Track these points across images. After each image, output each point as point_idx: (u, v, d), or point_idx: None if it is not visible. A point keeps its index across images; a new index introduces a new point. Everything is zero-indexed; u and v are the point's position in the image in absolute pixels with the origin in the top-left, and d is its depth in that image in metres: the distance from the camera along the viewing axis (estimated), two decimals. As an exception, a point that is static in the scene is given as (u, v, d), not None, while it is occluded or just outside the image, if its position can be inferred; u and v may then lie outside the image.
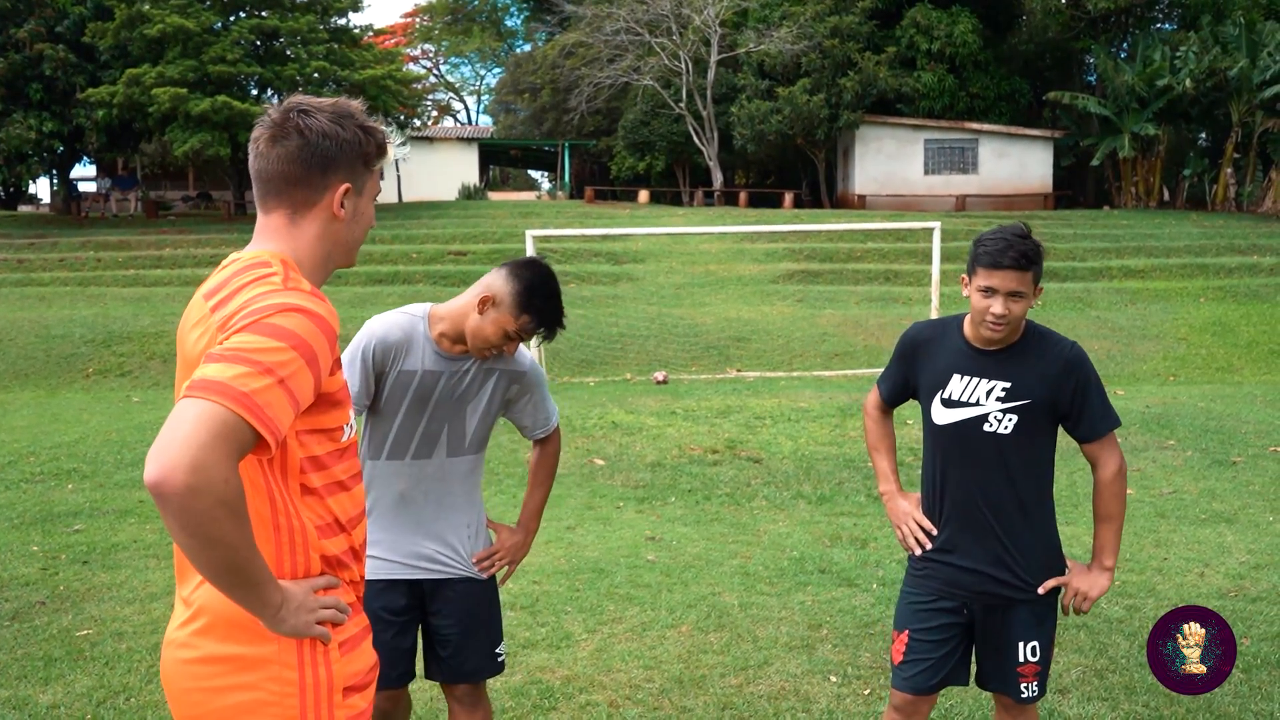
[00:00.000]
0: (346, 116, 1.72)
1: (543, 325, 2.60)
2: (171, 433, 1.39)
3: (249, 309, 1.55)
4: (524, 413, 2.87)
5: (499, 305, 2.59)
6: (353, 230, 1.79)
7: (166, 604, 5.09)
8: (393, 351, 2.62)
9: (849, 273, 20.86)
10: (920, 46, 29.29)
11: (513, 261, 2.68)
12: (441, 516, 2.74)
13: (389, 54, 29.71)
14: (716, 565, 5.73)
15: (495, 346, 2.61)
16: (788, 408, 11.37)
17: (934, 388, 2.68)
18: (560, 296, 2.66)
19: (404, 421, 2.66)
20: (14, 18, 24.81)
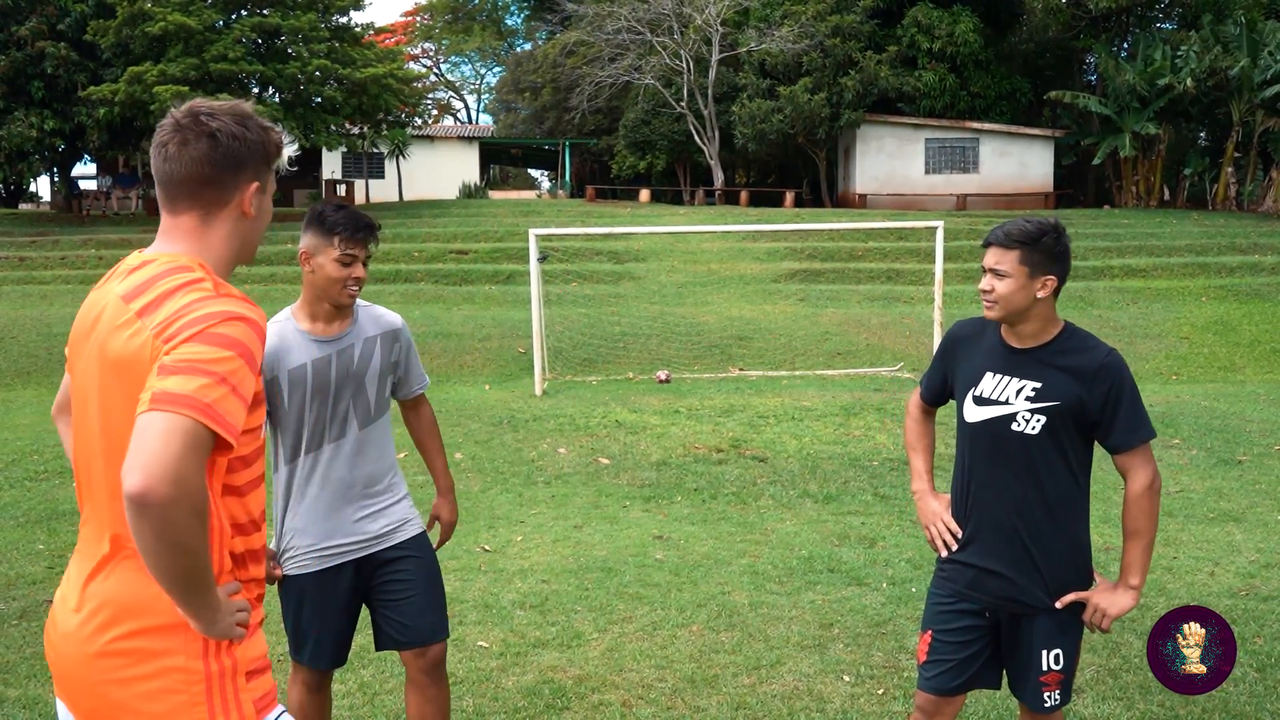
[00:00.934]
0: (246, 116, 1.78)
1: (353, 230, 2.74)
2: (149, 445, 1.48)
3: (190, 317, 1.61)
4: (405, 370, 3.01)
5: (314, 249, 2.76)
6: (257, 227, 1.86)
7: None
8: (273, 357, 2.75)
9: (850, 272, 20.85)
10: (921, 46, 29.28)
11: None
12: (372, 486, 2.89)
13: (390, 52, 29.64)
14: (725, 564, 5.72)
15: (345, 278, 2.74)
16: (791, 407, 11.37)
17: (967, 385, 2.68)
18: (344, 206, 2.83)
19: (315, 412, 2.79)
20: (16, 15, 24.76)
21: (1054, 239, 2.54)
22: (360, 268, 2.78)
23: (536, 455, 9.00)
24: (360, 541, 2.88)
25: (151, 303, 1.66)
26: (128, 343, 1.65)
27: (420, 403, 3.15)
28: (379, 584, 2.93)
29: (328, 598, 2.89)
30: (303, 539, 2.86)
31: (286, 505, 2.88)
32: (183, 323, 1.60)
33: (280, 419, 2.81)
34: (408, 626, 2.92)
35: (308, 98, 26.07)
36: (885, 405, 11.39)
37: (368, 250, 2.81)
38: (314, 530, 2.85)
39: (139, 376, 1.61)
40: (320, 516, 2.85)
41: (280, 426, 2.82)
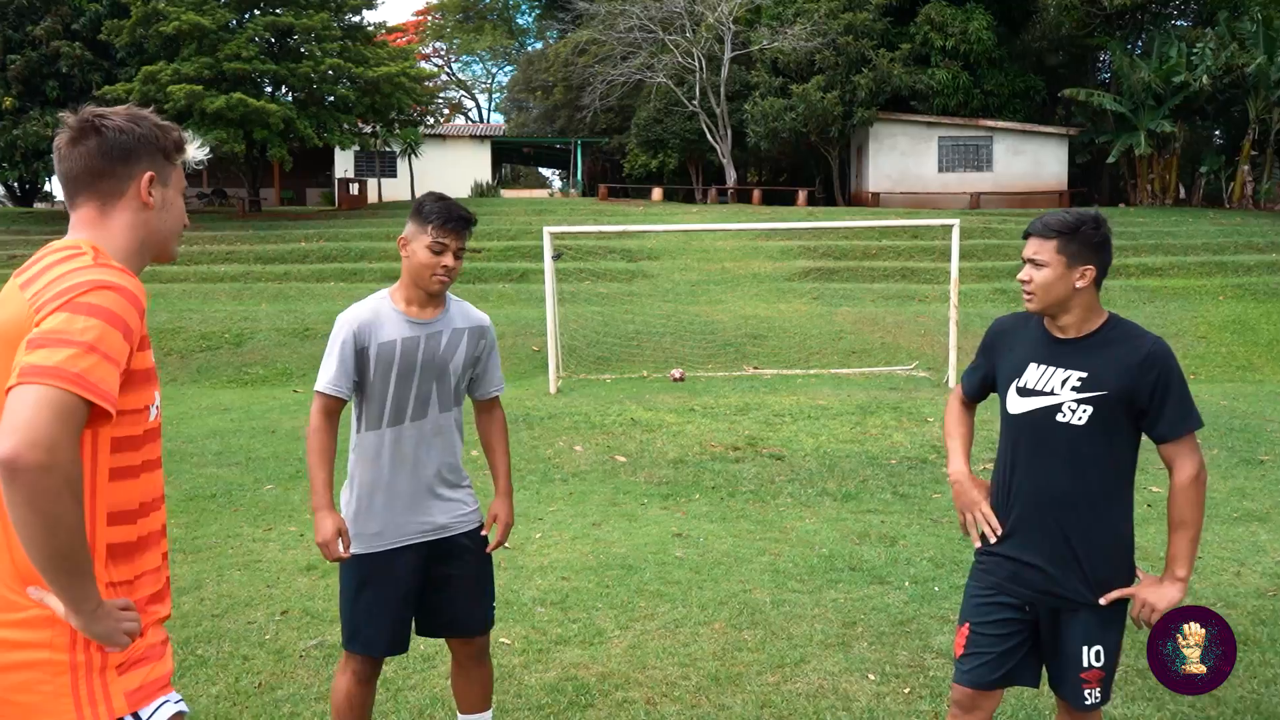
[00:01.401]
0: (141, 116, 1.84)
1: (445, 220, 2.84)
2: (17, 415, 1.48)
3: (59, 286, 1.62)
4: (485, 369, 3.11)
5: (411, 236, 2.89)
6: (165, 220, 1.88)
7: (195, 598, 5.08)
8: (368, 329, 2.88)
9: (864, 270, 20.79)
10: (934, 43, 29.19)
11: None
12: (444, 473, 2.99)
13: (403, 51, 29.70)
14: (746, 562, 5.69)
15: (435, 265, 2.85)
16: (807, 405, 11.33)
17: (1011, 376, 2.65)
18: (447, 197, 2.93)
19: (397, 388, 2.88)
20: (31, 15, 24.89)
21: (1093, 229, 2.53)
22: (450, 257, 2.86)
23: (553, 453, 8.99)
24: (427, 529, 2.97)
25: (32, 277, 1.69)
26: (8, 315, 1.67)
27: (494, 405, 3.22)
28: (436, 574, 3.00)
29: (389, 582, 2.94)
30: (371, 521, 2.92)
31: (359, 474, 2.94)
32: (52, 293, 1.61)
33: (365, 389, 2.91)
34: (458, 619, 3.06)
35: (321, 96, 26.14)
36: (901, 404, 11.34)
37: (460, 242, 2.88)
38: (385, 510, 2.92)
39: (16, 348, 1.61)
40: (393, 495, 2.92)
41: (365, 397, 2.91)
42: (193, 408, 12.07)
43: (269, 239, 23.81)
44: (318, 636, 4.52)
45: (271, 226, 25.45)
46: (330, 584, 5.28)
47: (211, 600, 5.05)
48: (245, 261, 21.85)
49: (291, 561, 5.70)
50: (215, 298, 19.02)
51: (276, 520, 6.72)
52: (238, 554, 5.91)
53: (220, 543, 6.17)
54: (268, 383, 14.75)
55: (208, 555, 5.88)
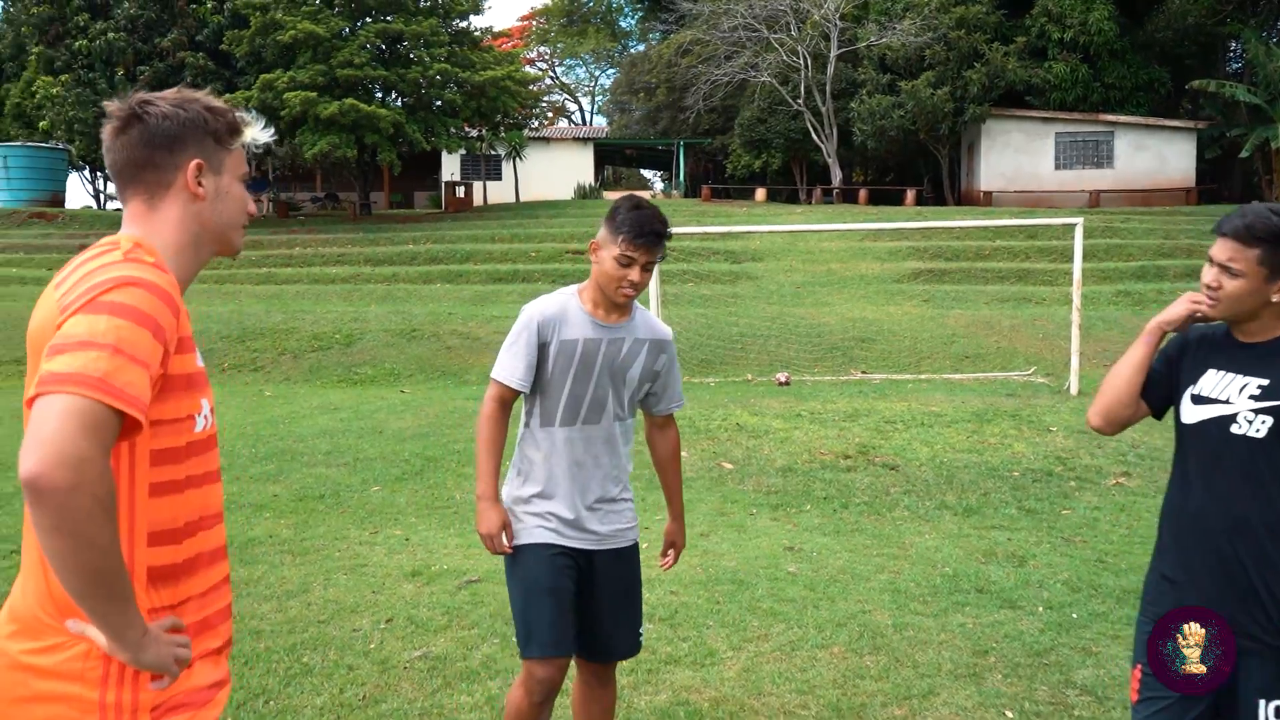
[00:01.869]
0: (190, 100, 1.70)
1: (637, 234, 2.69)
2: (41, 429, 1.35)
3: (85, 285, 1.49)
4: (665, 384, 3.00)
5: (602, 243, 2.78)
6: (220, 210, 1.72)
7: (302, 602, 5.05)
8: (552, 323, 2.81)
9: (978, 272, 20.06)
10: (1052, 36, 28.05)
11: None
12: (611, 482, 2.90)
13: (508, 55, 30.03)
14: (863, 580, 5.40)
15: (621, 279, 2.74)
16: (919, 411, 10.89)
17: (1187, 383, 2.38)
18: (645, 206, 2.76)
19: (573, 388, 2.81)
20: (159, 28, 25.97)
21: None
22: (637, 272, 2.75)
23: (657, 458, 8.80)
24: (587, 538, 2.88)
25: (64, 278, 1.57)
26: (39, 319, 1.56)
27: (669, 422, 3.12)
28: (587, 587, 2.91)
29: (555, 578, 2.85)
30: (533, 513, 2.87)
31: (525, 468, 2.90)
32: (76, 294, 1.48)
33: (543, 385, 2.84)
34: (601, 640, 2.95)
35: (429, 101, 26.59)
36: (1020, 412, 10.80)
37: (650, 256, 2.75)
38: (547, 509, 2.87)
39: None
40: (557, 496, 2.86)
41: (541, 392, 2.85)
42: (304, 407, 12.29)
43: (378, 241, 24.31)
44: (422, 647, 4.41)
45: (381, 229, 25.98)
46: (434, 592, 5.19)
47: (318, 605, 5.01)
48: (355, 263, 22.34)
49: (397, 567, 5.65)
50: (327, 299, 19.46)
51: (382, 523, 6.71)
52: (344, 557, 5.89)
53: (327, 545, 6.16)
54: (376, 383, 14.97)
55: (315, 558, 5.87)
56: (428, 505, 7.22)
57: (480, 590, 5.23)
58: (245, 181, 1.78)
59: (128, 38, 25.24)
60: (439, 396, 13.19)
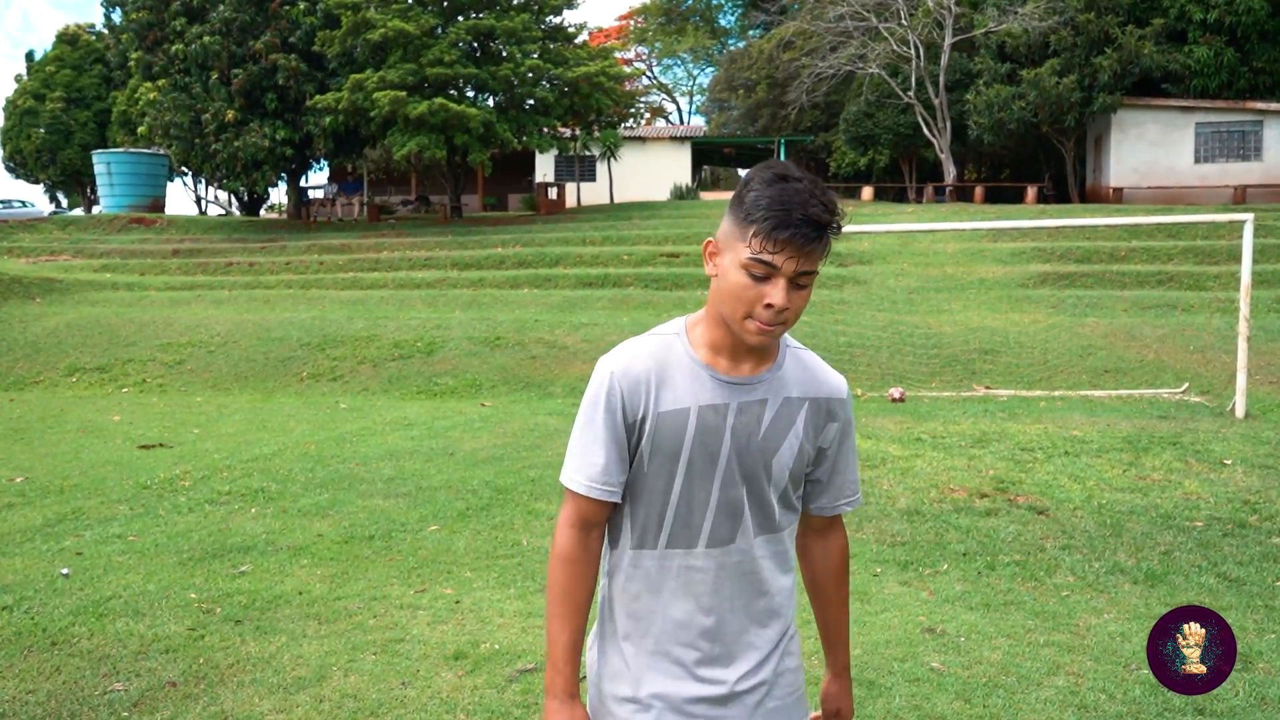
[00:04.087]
0: None
1: (780, 222, 1.57)
2: None
3: None
4: (833, 468, 1.84)
5: (724, 242, 1.67)
6: None
7: (313, 696, 4.03)
8: (643, 387, 1.71)
9: (1113, 275, 18.21)
10: (1193, 17, 25.70)
11: None
12: (751, 633, 1.76)
13: (602, 50, 29.12)
14: (1032, 686, 4.10)
15: (756, 300, 1.62)
16: (1059, 437, 9.45)
17: None
18: (795, 177, 1.61)
19: (686, 487, 1.71)
20: (253, 30, 25.86)
21: None
22: (781, 288, 1.62)
23: (758, 494, 7.59)
24: (713, 701, 1.74)
25: None
26: None
27: (836, 525, 1.93)
28: None
29: None
30: (626, 683, 1.76)
31: (617, 616, 1.80)
32: None
33: (636, 486, 1.75)
34: None
35: (520, 100, 25.85)
36: (1181, 438, 9.27)
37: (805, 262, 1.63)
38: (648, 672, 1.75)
39: None
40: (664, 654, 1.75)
41: (633, 498, 1.76)
42: (377, 422, 11.47)
43: (467, 245, 23.63)
44: (447, 784, 3.32)
45: (470, 232, 25.34)
46: (477, 686, 4.11)
47: (331, 702, 3.97)
48: (442, 268, 21.67)
49: (438, 644, 4.58)
50: (411, 305, 18.79)
51: (432, 578, 5.66)
52: (379, 626, 4.85)
53: (363, 607, 5.14)
54: (456, 394, 14.11)
55: (344, 627, 4.85)
56: (488, 553, 6.16)
57: (535, 683, 4.13)
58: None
59: (222, 41, 25.17)
60: (520, 411, 12.22)
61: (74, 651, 4.55)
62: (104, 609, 5.13)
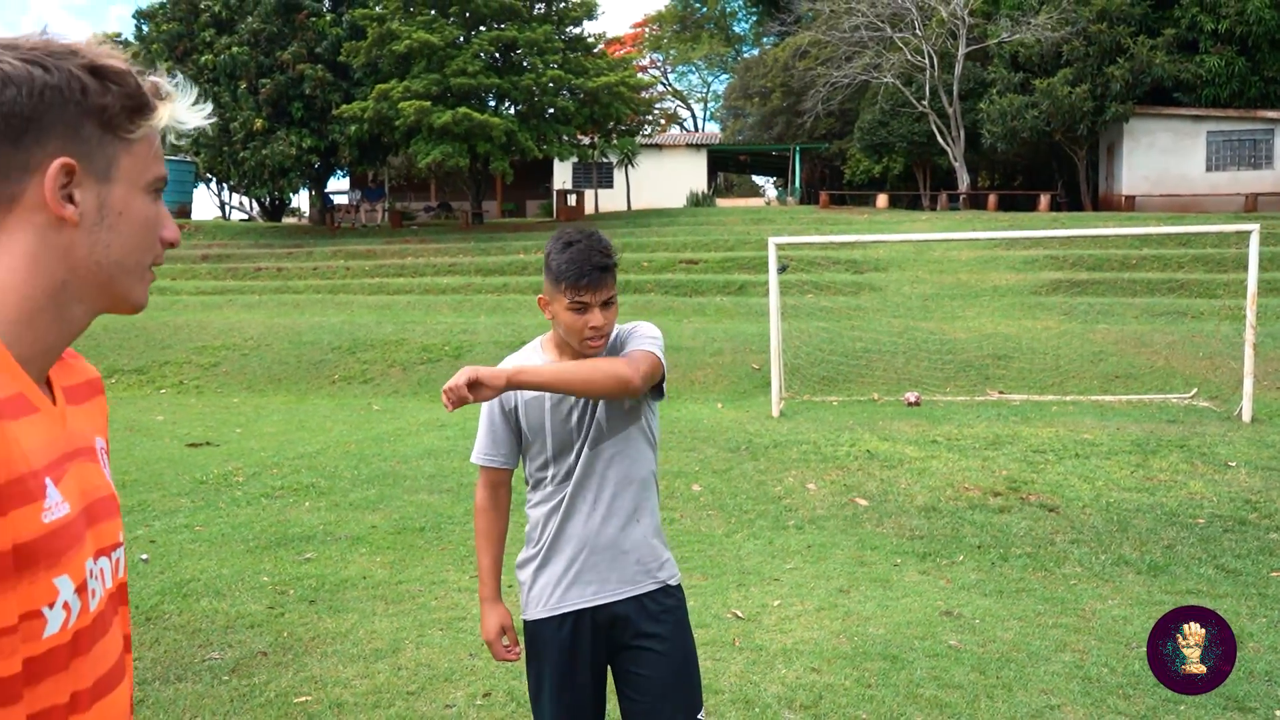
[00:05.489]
0: (59, 54, 0.97)
1: (578, 275, 2.29)
2: None
3: None
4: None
5: (549, 297, 2.39)
6: (103, 240, 1.00)
7: (391, 665, 4.47)
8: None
9: (1124, 283, 18.54)
10: (1204, 27, 26.02)
11: None
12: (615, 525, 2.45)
13: (621, 61, 29.60)
14: (1042, 661, 4.52)
15: (583, 328, 2.34)
16: (1070, 439, 9.83)
17: None
18: (577, 240, 2.34)
19: (555, 440, 2.43)
20: (280, 41, 26.43)
21: None
22: (597, 314, 2.34)
23: (783, 491, 8.02)
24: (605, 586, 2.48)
25: None
26: None
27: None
28: (618, 648, 2.48)
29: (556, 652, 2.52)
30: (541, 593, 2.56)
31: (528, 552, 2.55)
32: None
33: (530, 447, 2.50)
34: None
35: (541, 109, 26.33)
36: (1188, 441, 9.63)
37: (603, 294, 2.33)
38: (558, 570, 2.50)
39: None
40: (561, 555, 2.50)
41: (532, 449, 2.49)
42: (410, 423, 11.92)
43: (489, 250, 24.11)
44: (523, 736, 3.76)
45: (492, 238, 25.82)
46: (539, 658, 4.55)
47: (409, 670, 4.42)
48: (466, 273, 22.14)
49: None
50: (437, 309, 19.26)
51: (484, 564, 6.11)
52: (441, 607, 5.30)
53: (424, 590, 5.59)
54: (484, 397, 14.56)
55: (409, 606, 5.30)
56: (533, 543, 6.61)
57: (590, 657, 4.56)
58: (155, 191, 1.05)
59: (250, 52, 25.75)
60: (548, 413, 12.65)
61: (168, 626, 5.01)
62: (187, 590, 5.59)
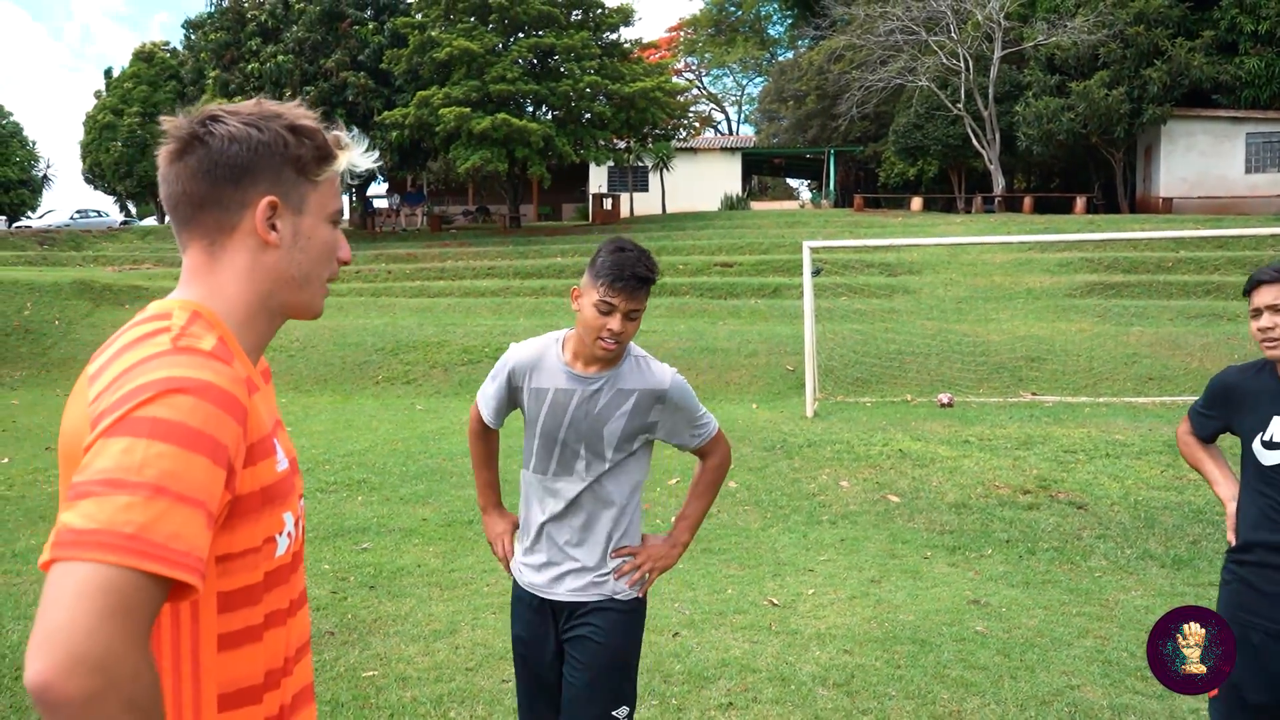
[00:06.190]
0: (269, 117, 1.31)
1: (616, 277, 2.47)
2: (50, 617, 0.96)
3: (119, 388, 1.10)
4: (671, 433, 2.72)
5: (583, 289, 2.56)
6: (297, 259, 1.34)
7: (450, 644, 4.79)
8: (525, 369, 2.67)
9: (1160, 285, 18.55)
10: (1244, 28, 25.86)
11: None
12: (584, 539, 2.64)
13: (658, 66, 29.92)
14: (1065, 646, 4.75)
15: (600, 327, 2.50)
16: (1101, 440, 9.97)
17: (1254, 430, 2.67)
18: (629, 248, 2.53)
19: (542, 439, 2.63)
20: (324, 49, 27.03)
21: None
22: (618, 320, 2.50)
23: (817, 488, 8.27)
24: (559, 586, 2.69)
25: (103, 365, 1.18)
26: (71, 422, 1.19)
27: (705, 454, 2.81)
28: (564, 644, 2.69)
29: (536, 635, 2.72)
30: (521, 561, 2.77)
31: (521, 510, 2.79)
32: (111, 399, 1.09)
33: (527, 423, 2.70)
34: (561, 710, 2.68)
35: (578, 114, 26.70)
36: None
37: (632, 303, 2.50)
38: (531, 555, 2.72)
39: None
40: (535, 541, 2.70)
41: (527, 430, 2.70)
42: (454, 422, 12.29)
43: (527, 254, 24.51)
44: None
45: (530, 241, 26.22)
46: (587, 638, 4.85)
47: (466, 649, 4.74)
48: (505, 276, 22.55)
49: (547, 606, 5.33)
50: (477, 312, 19.66)
51: (531, 554, 6.43)
52: (493, 592, 5.62)
53: (475, 577, 5.92)
54: (524, 397, 14.91)
55: (463, 592, 5.63)
56: (577, 535, 6.92)
57: (634, 638, 4.86)
58: (334, 222, 1.39)
59: (295, 60, 26.37)
60: (587, 413, 12.97)
61: (240, 607, 5.37)
62: (255, 575, 5.95)
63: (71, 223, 35.94)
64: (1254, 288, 2.63)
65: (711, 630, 4.98)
